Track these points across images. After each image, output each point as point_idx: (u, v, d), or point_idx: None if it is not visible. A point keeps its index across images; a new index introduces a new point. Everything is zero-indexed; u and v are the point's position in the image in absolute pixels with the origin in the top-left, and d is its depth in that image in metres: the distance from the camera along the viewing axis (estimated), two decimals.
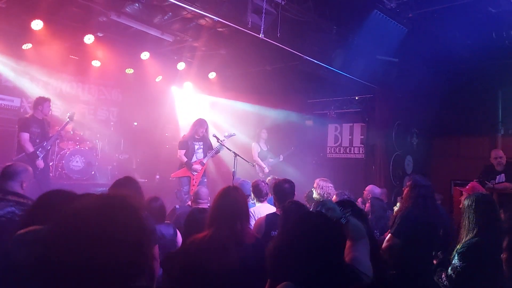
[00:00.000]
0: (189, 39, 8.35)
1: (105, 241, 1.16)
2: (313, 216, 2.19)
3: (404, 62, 7.58)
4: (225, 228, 2.67)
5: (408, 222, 3.84)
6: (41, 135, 6.56)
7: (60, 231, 1.17)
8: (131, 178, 3.64)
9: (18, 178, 3.49)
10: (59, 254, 1.10)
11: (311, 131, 9.81)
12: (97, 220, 1.18)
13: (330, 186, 5.54)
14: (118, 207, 1.26)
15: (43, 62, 8.58)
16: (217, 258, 2.56)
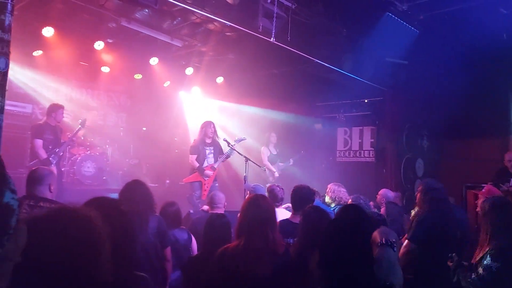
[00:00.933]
0: (197, 44, 8.36)
1: (55, 247, 1.25)
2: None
3: (415, 64, 7.56)
4: (257, 237, 2.68)
5: (424, 227, 3.81)
6: (54, 142, 6.60)
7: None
8: (139, 182, 3.66)
9: (46, 182, 3.50)
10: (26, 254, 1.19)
11: (320, 134, 9.79)
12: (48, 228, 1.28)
13: (342, 190, 5.52)
14: (67, 217, 1.34)
15: (54, 68, 8.62)
16: (251, 267, 2.57)
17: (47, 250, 1.24)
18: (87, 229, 1.33)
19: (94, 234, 1.34)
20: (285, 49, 6.64)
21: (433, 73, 7.53)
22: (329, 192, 5.52)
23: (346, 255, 1.97)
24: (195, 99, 10.67)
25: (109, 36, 7.90)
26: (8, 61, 2.20)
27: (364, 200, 4.78)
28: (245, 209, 2.85)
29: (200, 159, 7.38)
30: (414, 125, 8.71)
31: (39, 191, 3.43)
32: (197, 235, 4.24)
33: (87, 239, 1.31)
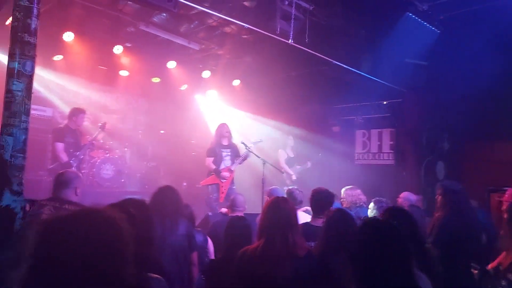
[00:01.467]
0: (214, 47, 8.40)
1: (81, 247, 1.22)
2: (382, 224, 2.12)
3: (435, 65, 7.43)
4: (278, 240, 2.66)
5: (446, 231, 3.73)
6: (74, 145, 6.68)
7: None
8: (171, 187, 3.75)
9: (72, 185, 3.54)
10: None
11: (338, 137, 9.68)
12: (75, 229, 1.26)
13: (358, 192, 5.41)
14: (92, 218, 1.32)
15: (74, 72, 8.76)
16: (271, 269, 2.54)
17: (71, 250, 1.21)
18: (112, 231, 1.31)
19: (119, 236, 1.32)
20: (303, 51, 6.60)
21: (454, 74, 7.37)
22: (345, 197, 5.40)
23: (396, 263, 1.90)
24: (211, 102, 10.71)
25: (127, 40, 7.99)
26: (34, 65, 2.23)
27: (386, 203, 4.70)
28: (266, 212, 2.84)
29: (217, 161, 7.38)
30: (434, 127, 8.54)
31: (65, 194, 3.46)
32: (217, 238, 4.24)
33: (112, 240, 1.29)
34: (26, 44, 2.16)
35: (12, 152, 2.10)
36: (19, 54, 2.14)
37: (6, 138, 2.11)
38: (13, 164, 2.11)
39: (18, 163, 2.14)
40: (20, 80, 2.13)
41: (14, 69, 2.13)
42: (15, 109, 2.11)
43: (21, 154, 2.15)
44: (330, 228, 3.07)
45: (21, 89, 2.13)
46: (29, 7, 2.13)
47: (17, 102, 2.10)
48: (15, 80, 2.12)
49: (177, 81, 9.80)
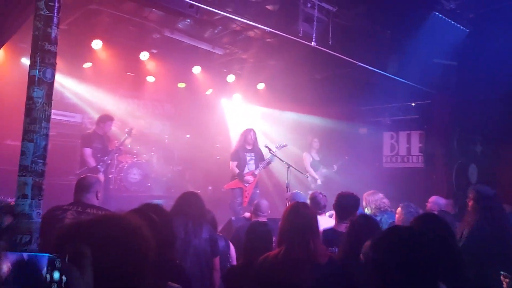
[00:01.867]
0: (238, 51, 8.43)
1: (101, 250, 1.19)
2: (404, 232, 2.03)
3: (465, 64, 7.20)
4: (298, 246, 2.62)
5: (476, 238, 3.58)
6: (102, 150, 6.84)
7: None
8: (195, 193, 3.82)
9: (93, 189, 3.61)
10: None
11: (365, 139, 9.52)
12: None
13: (380, 196, 5.22)
14: (114, 224, 1.31)
15: (102, 79, 8.96)
16: (292, 276, 2.51)
17: (93, 256, 1.19)
18: (135, 238, 1.30)
19: (142, 243, 1.31)
20: (327, 53, 6.53)
21: (486, 73, 7.11)
22: (368, 203, 5.22)
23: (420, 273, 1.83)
24: (236, 106, 10.75)
25: (153, 47, 8.13)
26: (55, 72, 2.28)
27: (415, 208, 4.55)
28: (286, 217, 2.80)
29: (240, 165, 7.39)
30: (466, 129, 8.27)
31: (87, 198, 3.53)
32: (240, 243, 4.22)
33: (134, 248, 1.27)
34: (47, 52, 2.22)
35: (33, 158, 2.15)
36: (40, 62, 2.19)
37: (27, 144, 2.16)
38: (33, 170, 2.16)
39: (38, 169, 2.18)
40: (40, 87, 2.18)
41: (34, 76, 2.19)
42: (36, 116, 2.15)
43: (42, 160, 2.19)
44: (353, 234, 2.99)
45: (41, 96, 2.18)
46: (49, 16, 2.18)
47: (38, 108, 2.15)
48: (36, 87, 2.17)
49: (202, 86, 9.89)
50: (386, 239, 1.96)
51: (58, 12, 2.17)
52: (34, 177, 2.12)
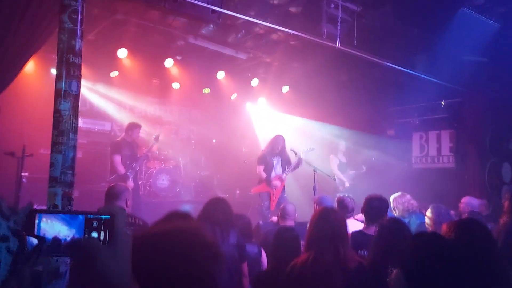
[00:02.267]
0: (262, 55, 8.42)
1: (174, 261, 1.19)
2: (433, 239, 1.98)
3: (496, 61, 6.96)
4: (328, 252, 2.58)
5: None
6: (131, 157, 6.96)
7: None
8: (222, 198, 3.82)
9: (123, 197, 3.69)
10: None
11: (393, 141, 9.33)
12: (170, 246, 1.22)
13: (408, 198, 5.11)
14: (193, 237, 1.29)
15: (129, 87, 9.16)
16: (321, 283, 2.47)
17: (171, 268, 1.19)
18: (207, 253, 1.28)
19: (213, 258, 1.30)
20: (352, 54, 6.45)
21: None
22: (396, 206, 5.13)
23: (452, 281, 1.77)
24: (261, 110, 10.75)
25: (178, 53, 8.23)
26: (80, 84, 2.33)
27: (445, 209, 4.43)
28: (314, 223, 2.77)
29: (267, 169, 7.37)
30: (498, 127, 7.99)
31: (117, 206, 3.59)
32: (269, 248, 4.20)
33: (205, 263, 1.26)
34: (72, 65, 2.27)
35: (62, 169, 2.20)
36: (65, 75, 2.24)
37: (56, 156, 2.21)
38: (63, 181, 2.21)
39: (67, 179, 2.23)
40: (66, 100, 2.23)
41: (61, 89, 2.24)
42: (63, 128, 2.20)
43: (70, 171, 2.24)
44: (382, 238, 2.93)
45: (68, 108, 2.23)
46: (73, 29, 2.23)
47: (65, 121, 2.20)
48: (63, 100, 2.22)
49: (227, 90, 9.94)
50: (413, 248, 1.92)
51: (81, 24, 2.22)
52: (63, 188, 2.17)
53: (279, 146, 7.43)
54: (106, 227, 1.05)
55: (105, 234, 1.05)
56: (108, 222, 1.05)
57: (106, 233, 1.05)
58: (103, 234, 1.04)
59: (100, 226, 1.05)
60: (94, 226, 1.04)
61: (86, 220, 1.04)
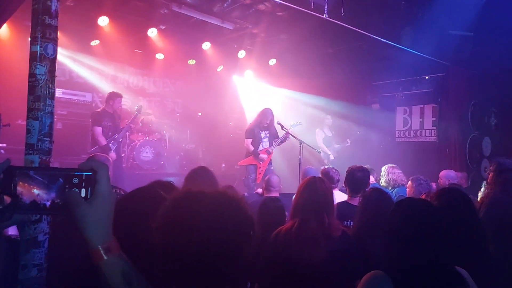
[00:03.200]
0: (248, 26, 8.26)
1: (212, 231, 1.12)
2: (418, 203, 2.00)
3: (481, 35, 6.97)
4: (313, 220, 2.60)
5: (495, 211, 3.51)
6: (112, 128, 6.84)
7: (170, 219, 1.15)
8: (205, 168, 3.68)
9: None
10: (168, 240, 1.10)
11: (378, 114, 9.39)
12: (207, 212, 1.15)
13: (398, 172, 5.28)
14: (228, 202, 1.21)
15: (111, 57, 8.93)
16: (307, 250, 2.49)
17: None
18: (244, 215, 1.22)
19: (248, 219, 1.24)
20: (340, 27, 6.38)
21: (502, 44, 6.89)
22: (385, 175, 5.31)
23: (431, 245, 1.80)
24: (248, 82, 10.64)
25: (161, 23, 8.00)
26: (56, 47, 2.23)
27: (426, 181, 4.51)
28: (301, 192, 2.77)
29: (255, 142, 7.38)
30: (480, 102, 8.10)
31: None
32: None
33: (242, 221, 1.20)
34: (47, 26, 2.16)
35: (39, 136, 2.12)
36: (41, 37, 2.13)
37: (32, 122, 2.12)
38: (40, 149, 2.14)
39: (45, 147, 2.16)
40: (42, 63, 2.13)
41: (36, 52, 2.13)
42: (39, 93, 2.11)
43: (48, 138, 2.16)
44: (366, 208, 2.96)
45: (44, 72, 2.13)
46: None
47: (41, 86, 2.11)
48: (38, 64, 2.12)
49: (213, 62, 9.78)
50: (400, 209, 1.95)
51: None
52: (41, 155, 2.10)
53: (267, 120, 7.42)
54: (87, 183, 1.00)
55: (86, 191, 1.00)
56: (89, 178, 1.00)
57: (87, 190, 1.00)
58: (84, 191, 1.00)
59: (81, 182, 1.00)
60: (75, 182, 1.00)
61: (66, 177, 1.00)
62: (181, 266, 1.11)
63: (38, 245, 2.08)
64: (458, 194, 2.55)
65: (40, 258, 2.09)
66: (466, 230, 2.38)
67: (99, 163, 1.03)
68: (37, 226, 2.09)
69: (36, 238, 2.08)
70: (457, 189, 2.81)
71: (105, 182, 1.01)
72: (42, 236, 2.11)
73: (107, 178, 1.01)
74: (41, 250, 2.09)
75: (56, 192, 0.99)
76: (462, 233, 2.34)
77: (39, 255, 2.09)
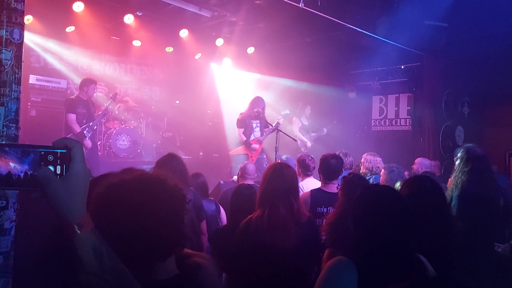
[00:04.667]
0: (226, 14, 8.21)
1: (142, 212, 1.22)
2: (383, 190, 2.05)
3: (454, 26, 7.12)
4: (282, 206, 2.63)
5: (466, 200, 3.59)
6: (87, 116, 6.74)
7: (103, 201, 1.23)
8: (174, 155, 3.66)
9: None
10: (101, 221, 1.13)
11: (354, 103, 9.50)
12: (136, 193, 1.25)
13: (378, 160, 5.37)
14: (157, 183, 1.31)
15: (86, 44, 8.75)
16: (279, 236, 2.53)
17: (132, 214, 1.21)
18: (178, 199, 1.34)
19: (183, 204, 1.37)
20: (317, 16, 6.41)
21: (475, 35, 7.06)
22: (364, 162, 5.38)
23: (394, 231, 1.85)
24: (226, 70, 10.60)
25: (138, 9, 7.88)
26: (23, 32, 2.18)
27: (398, 168, 4.61)
28: (268, 179, 2.79)
29: (247, 132, 7.41)
30: (454, 91, 8.30)
31: None
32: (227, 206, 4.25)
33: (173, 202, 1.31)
34: (13, 10, 2.11)
35: (4, 122, 2.09)
36: (6, 22, 2.09)
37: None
38: (6, 135, 2.11)
39: (11, 133, 2.13)
40: (8, 48, 2.09)
41: (2, 37, 2.09)
42: (5, 78, 2.07)
43: (14, 124, 2.13)
44: (349, 192, 3.01)
45: (9, 57, 2.09)
46: None
47: (7, 71, 2.07)
48: (3, 49, 2.08)
49: (191, 50, 9.69)
50: (365, 195, 1.99)
51: None
52: (7, 142, 2.08)
53: (259, 109, 7.43)
54: (62, 161, 1.01)
55: (61, 168, 1.01)
56: (64, 155, 1.01)
57: (62, 167, 1.01)
58: (59, 168, 1.01)
59: (55, 160, 1.01)
60: (50, 160, 1.01)
61: (41, 154, 1.00)
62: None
63: (4, 233, 2.06)
64: (429, 181, 2.61)
65: (6, 246, 2.08)
66: (434, 218, 2.44)
67: (74, 141, 1.04)
68: (3, 213, 2.07)
69: (2, 226, 2.06)
70: (428, 177, 2.88)
71: (80, 160, 1.02)
72: (9, 224, 2.09)
73: (81, 155, 1.03)
74: (7, 238, 2.08)
75: (31, 167, 1.00)
76: (430, 221, 2.39)
77: (5, 242, 2.07)
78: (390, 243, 1.80)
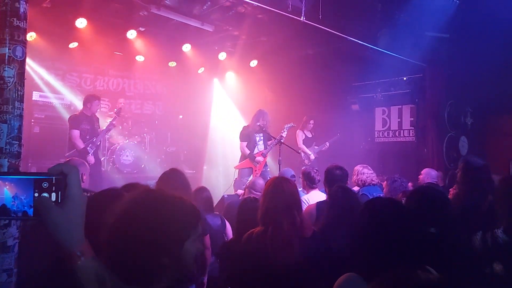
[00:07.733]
0: (229, 28, 8.28)
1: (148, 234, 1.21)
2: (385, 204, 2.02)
3: (456, 37, 7.14)
4: (286, 222, 2.59)
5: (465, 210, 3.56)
6: (90, 132, 6.76)
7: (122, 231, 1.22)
8: (176, 170, 3.65)
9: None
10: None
11: (357, 115, 9.50)
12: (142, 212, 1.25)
13: (366, 172, 5.17)
14: (163, 200, 1.32)
15: (90, 59, 8.83)
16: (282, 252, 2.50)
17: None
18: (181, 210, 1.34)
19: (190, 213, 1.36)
20: (318, 29, 6.45)
21: (477, 46, 7.07)
22: (355, 174, 5.25)
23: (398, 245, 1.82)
24: (229, 84, 10.64)
25: (140, 25, 7.95)
26: (25, 50, 2.20)
27: (401, 179, 4.57)
28: (269, 195, 2.73)
29: (250, 145, 7.41)
30: (457, 102, 8.27)
31: None
32: (231, 219, 4.22)
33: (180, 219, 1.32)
34: (16, 29, 2.13)
35: (7, 139, 2.10)
36: (9, 40, 2.11)
37: (1, 125, 2.10)
38: (9, 152, 2.11)
39: (14, 150, 2.14)
40: (10, 66, 2.11)
41: (4, 55, 2.11)
42: (8, 96, 2.09)
43: (17, 141, 2.13)
44: (333, 205, 3.00)
45: (12, 75, 2.10)
46: None
47: (9, 88, 2.08)
48: (6, 66, 2.10)
49: (194, 64, 9.75)
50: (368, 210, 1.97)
51: None
52: (10, 159, 2.08)
53: (264, 122, 7.43)
54: (58, 187, 1.00)
55: (57, 194, 1.00)
56: (59, 181, 1.00)
57: (58, 193, 1.00)
58: (55, 195, 0.99)
59: (51, 186, 1.00)
60: (45, 187, 0.99)
61: (36, 182, 0.99)
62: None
63: (7, 250, 2.05)
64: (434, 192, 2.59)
65: (10, 263, 2.07)
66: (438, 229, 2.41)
67: (69, 166, 1.03)
68: (6, 231, 2.06)
69: (5, 243, 2.05)
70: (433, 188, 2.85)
71: (76, 185, 1.01)
72: (12, 241, 2.08)
73: (77, 181, 1.02)
74: (10, 255, 2.07)
75: (26, 197, 0.99)
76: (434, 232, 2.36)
77: (9, 260, 2.06)
78: (395, 257, 1.77)
